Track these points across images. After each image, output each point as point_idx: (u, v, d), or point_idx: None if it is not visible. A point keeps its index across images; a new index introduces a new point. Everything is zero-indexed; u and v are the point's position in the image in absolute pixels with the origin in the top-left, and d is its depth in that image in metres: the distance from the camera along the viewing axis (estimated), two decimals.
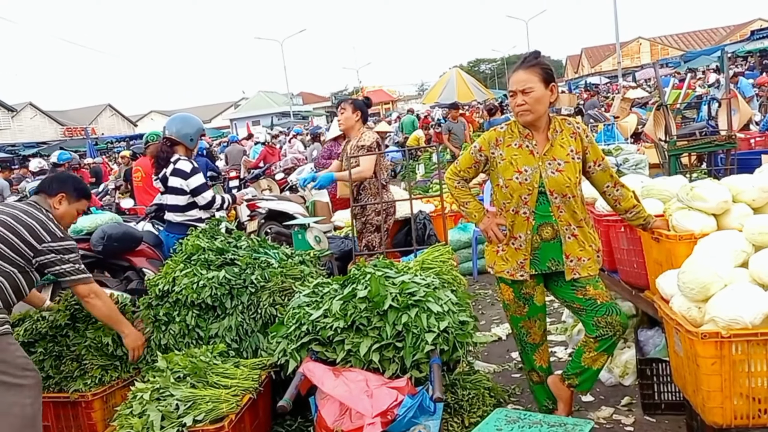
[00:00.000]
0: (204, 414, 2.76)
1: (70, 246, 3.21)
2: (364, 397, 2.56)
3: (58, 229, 3.17)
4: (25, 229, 3.08)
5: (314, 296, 3.05)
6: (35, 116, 41.28)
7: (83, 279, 3.24)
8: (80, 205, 3.45)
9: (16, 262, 3.05)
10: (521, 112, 2.95)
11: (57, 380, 3.41)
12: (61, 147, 26.06)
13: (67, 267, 3.18)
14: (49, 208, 3.27)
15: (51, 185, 3.34)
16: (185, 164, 4.74)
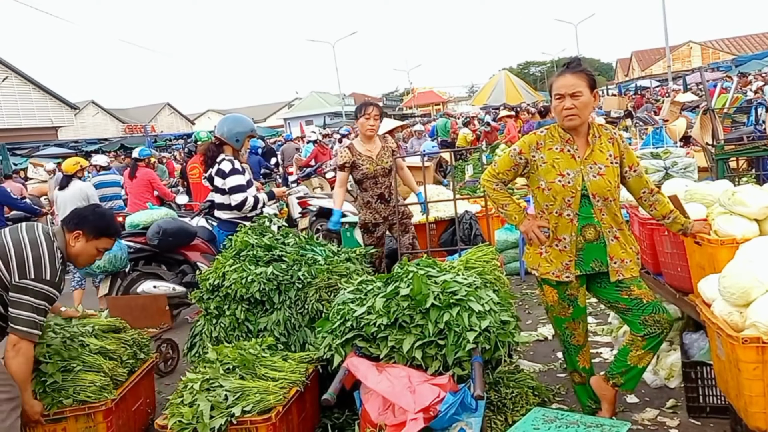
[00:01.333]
0: (252, 405, 2.82)
1: (48, 292, 2.97)
2: (407, 393, 2.58)
3: (50, 272, 2.96)
4: (16, 258, 2.93)
5: (358, 293, 3.09)
6: (97, 114, 42.65)
7: (24, 333, 2.92)
8: (101, 243, 3.22)
9: None
10: (570, 116, 2.92)
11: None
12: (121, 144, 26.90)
13: (24, 314, 2.92)
14: (64, 245, 3.11)
15: (71, 220, 3.17)
16: (226, 164, 4.82)
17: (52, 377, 3.20)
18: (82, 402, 3.23)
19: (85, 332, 3.53)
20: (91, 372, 3.33)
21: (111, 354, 3.50)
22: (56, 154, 23.98)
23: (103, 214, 3.31)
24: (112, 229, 3.29)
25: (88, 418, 3.24)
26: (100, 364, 3.38)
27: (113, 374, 3.41)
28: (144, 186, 8.76)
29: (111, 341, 3.61)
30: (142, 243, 6.05)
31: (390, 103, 57.03)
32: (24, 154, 22.45)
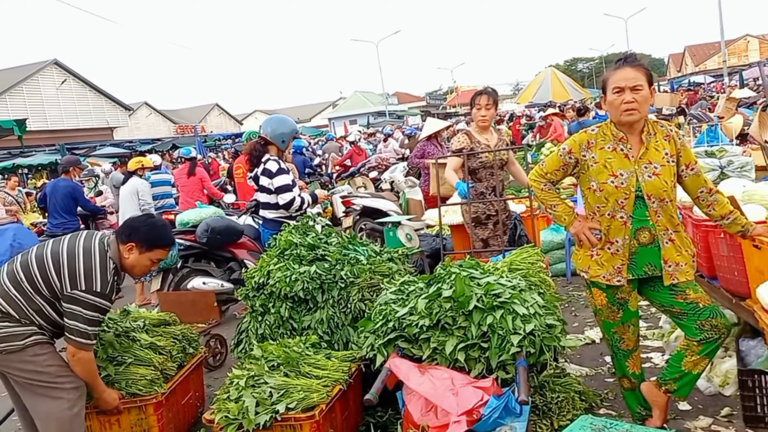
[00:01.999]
0: (296, 402, 2.84)
1: (99, 304, 2.95)
2: (450, 395, 2.54)
3: (101, 283, 2.94)
4: (68, 268, 2.94)
5: (400, 294, 3.06)
6: (150, 115, 43.74)
7: (79, 344, 2.96)
8: (154, 254, 3.17)
9: (44, 294, 2.96)
10: (630, 110, 2.78)
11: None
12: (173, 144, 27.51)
13: (78, 325, 2.93)
14: (118, 256, 3.09)
15: (124, 231, 3.13)
16: (273, 164, 4.85)
17: (105, 370, 3.29)
18: (134, 395, 3.32)
19: (136, 327, 3.61)
20: (142, 366, 3.41)
21: (161, 349, 3.57)
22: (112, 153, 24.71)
23: (155, 225, 3.21)
24: (165, 240, 3.22)
25: (139, 410, 3.32)
26: (151, 358, 3.45)
27: (163, 368, 3.48)
28: (195, 185, 8.92)
29: (161, 337, 3.68)
30: (192, 240, 6.17)
31: (433, 102, 56.91)
32: (82, 153, 23.14)
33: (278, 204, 4.87)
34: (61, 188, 7.95)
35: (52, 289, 2.95)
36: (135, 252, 3.10)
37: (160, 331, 3.75)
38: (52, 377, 2.97)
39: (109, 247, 3.06)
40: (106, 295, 2.97)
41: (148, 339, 3.58)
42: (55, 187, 8.02)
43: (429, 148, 8.05)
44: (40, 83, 33.22)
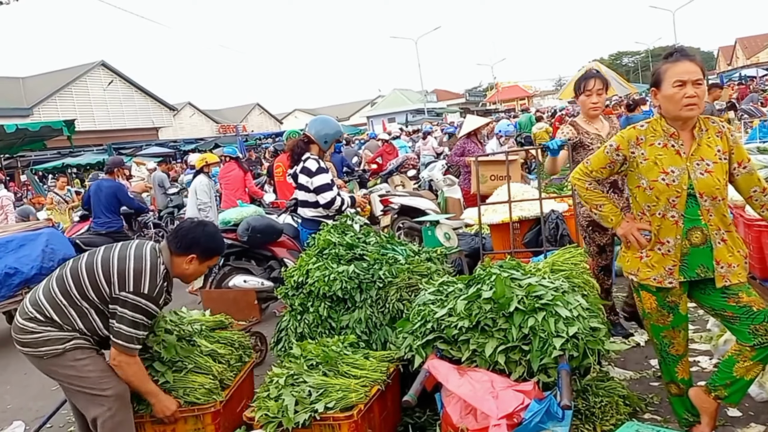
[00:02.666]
0: (335, 402, 2.84)
1: (145, 307, 2.94)
2: (489, 398, 2.49)
3: (149, 286, 2.93)
4: (117, 272, 2.93)
5: (439, 294, 3.02)
6: (193, 115, 44.58)
7: (122, 347, 2.93)
8: (212, 261, 3.25)
9: (90, 299, 2.96)
10: (692, 105, 2.68)
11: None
12: (215, 143, 27.96)
13: (123, 328, 2.91)
14: (170, 262, 3.08)
15: (181, 243, 3.11)
16: (312, 163, 4.85)
17: (163, 376, 3.16)
18: (191, 403, 3.16)
19: (196, 332, 3.45)
20: (201, 374, 3.26)
21: (221, 357, 3.42)
22: (157, 153, 25.23)
23: (213, 235, 3.22)
24: (222, 247, 3.29)
25: (197, 419, 3.17)
26: (210, 366, 3.30)
27: (221, 377, 3.31)
28: (237, 183, 9.04)
29: (220, 344, 3.53)
30: (233, 239, 6.25)
31: (473, 99, 56.42)
32: (128, 153, 23.70)
33: (318, 203, 4.88)
34: (105, 188, 8.15)
35: (100, 293, 2.95)
36: (195, 263, 3.13)
37: (216, 336, 3.59)
38: (92, 382, 2.96)
39: (161, 254, 3.06)
40: (153, 298, 2.96)
41: (209, 346, 3.42)
42: (98, 187, 8.22)
43: (469, 145, 7.97)
44: (88, 84, 34.18)
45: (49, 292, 3.02)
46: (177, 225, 3.32)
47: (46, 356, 2.96)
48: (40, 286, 3.10)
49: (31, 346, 2.96)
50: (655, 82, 2.81)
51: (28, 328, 2.96)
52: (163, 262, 3.04)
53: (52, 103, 31.93)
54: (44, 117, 27.69)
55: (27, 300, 3.06)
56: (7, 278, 6.44)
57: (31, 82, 34.10)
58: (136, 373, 3.02)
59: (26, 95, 32.21)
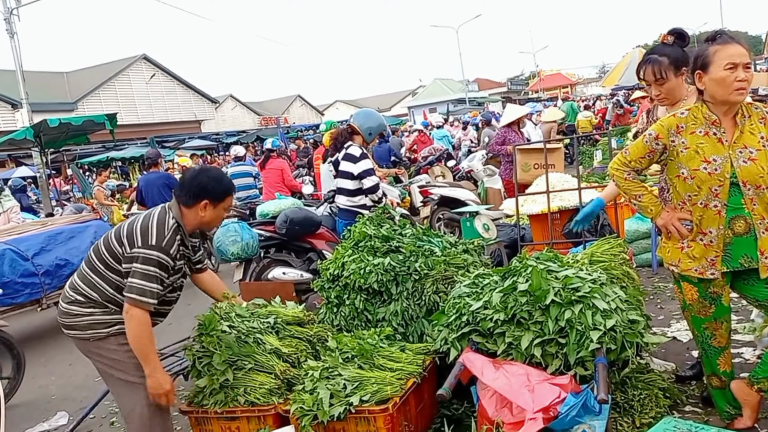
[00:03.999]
0: (370, 395, 2.85)
1: (156, 258, 2.89)
2: (525, 392, 2.49)
3: (156, 237, 2.91)
4: (127, 233, 2.97)
5: (474, 287, 3.02)
6: (235, 107, 45.15)
7: (133, 300, 2.86)
8: (226, 203, 3.18)
9: (112, 266, 2.99)
10: (742, 89, 2.61)
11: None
12: (257, 135, 28.32)
13: (134, 281, 2.87)
14: (181, 216, 3.06)
15: (189, 194, 3.08)
16: (355, 149, 4.91)
17: (223, 375, 3.09)
18: (252, 404, 3.07)
19: (263, 329, 3.31)
20: (262, 373, 3.14)
21: (285, 356, 3.26)
22: (200, 146, 25.74)
23: (218, 178, 3.20)
24: (230, 186, 3.24)
25: (258, 420, 3.07)
26: (273, 365, 3.15)
27: (285, 377, 3.15)
28: (276, 176, 9.15)
29: (289, 340, 3.38)
30: (272, 231, 6.33)
31: (515, 88, 55.69)
32: (171, 146, 24.25)
33: (355, 191, 4.94)
34: (154, 180, 8.44)
35: (116, 257, 2.97)
36: (210, 208, 3.08)
37: (292, 330, 3.44)
38: (133, 369, 2.97)
39: (170, 210, 3.05)
40: (162, 249, 2.91)
41: (273, 343, 3.26)
42: (147, 181, 8.50)
43: (510, 134, 7.90)
44: (130, 78, 34.94)
45: (81, 272, 3.11)
46: (180, 179, 3.31)
47: (92, 339, 3.04)
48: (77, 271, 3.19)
49: (77, 329, 3.04)
50: (702, 65, 2.70)
51: (72, 311, 3.05)
52: (173, 216, 3.02)
53: (95, 98, 32.76)
54: (88, 111, 28.43)
55: (67, 285, 3.16)
56: (59, 269, 6.69)
57: (75, 77, 35.02)
58: (143, 332, 2.90)
59: (70, 90, 33.12)
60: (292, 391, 3.10)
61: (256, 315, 3.42)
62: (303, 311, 3.58)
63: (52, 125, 12.46)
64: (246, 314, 3.37)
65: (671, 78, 3.12)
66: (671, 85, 3.15)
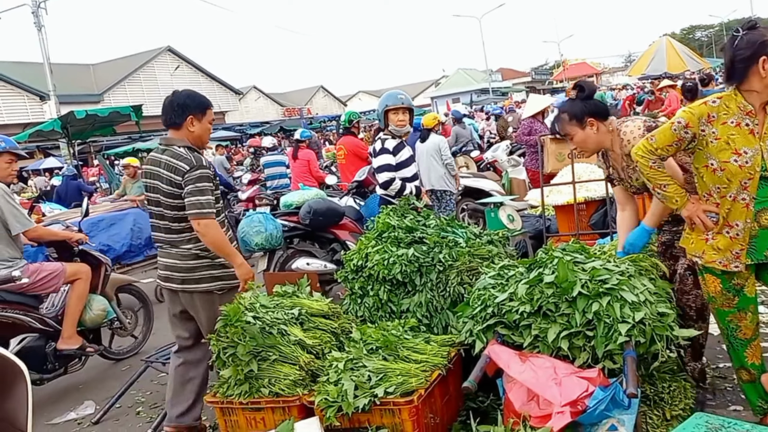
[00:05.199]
0: (395, 387, 2.84)
1: (199, 173, 3.33)
2: (552, 385, 2.46)
3: (187, 160, 3.34)
4: (166, 177, 3.38)
5: (500, 278, 2.98)
6: (259, 98, 45.34)
7: (196, 214, 3.32)
8: (208, 116, 3.55)
9: (176, 206, 3.40)
10: None
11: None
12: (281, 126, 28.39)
13: (191, 200, 3.32)
14: (179, 139, 3.46)
15: (174, 116, 3.47)
16: (378, 144, 4.92)
17: (248, 366, 3.11)
18: (277, 394, 3.08)
19: (288, 320, 3.30)
20: (287, 364, 3.15)
21: (309, 347, 3.25)
22: (224, 137, 25.88)
23: (189, 94, 3.57)
24: (204, 98, 3.60)
25: (283, 411, 3.08)
26: (297, 356, 3.16)
27: (309, 368, 3.17)
28: (304, 166, 9.17)
29: (313, 332, 3.37)
30: (295, 222, 6.34)
31: (539, 77, 55.03)
32: None
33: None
34: None
35: (176, 197, 3.39)
36: (196, 122, 3.46)
37: (316, 322, 3.43)
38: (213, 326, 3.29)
39: (172, 142, 3.46)
40: (196, 166, 3.34)
41: (298, 335, 3.26)
42: None
43: (536, 125, 7.79)
44: (155, 70, 35.25)
45: (159, 230, 3.51)
46: (162, 110, 3.58)
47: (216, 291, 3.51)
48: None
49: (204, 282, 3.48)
50: (753, 54, 2.54)
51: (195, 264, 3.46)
52: (179, 146, 3.43)
53: (121, 89, 33.11)
54: (114, 102, 28.75)
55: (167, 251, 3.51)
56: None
57: (101, 69, 35.43)
58: (218, 235, 3.38)
59: (96, 81, 33.50)
60: (317, 382, 3.11)
61: (281, 306, 3.42)
62: (328, 304, 3.58)
63: (79, 117, 12.61)
64: (270, 305, 3.38)
65: (576, 132, 3.20)
66: (579, 138, 3.22)
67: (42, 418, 4.46)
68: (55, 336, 4.62)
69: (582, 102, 3.19)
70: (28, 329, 4.51)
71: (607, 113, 3.20)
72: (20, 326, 4.45)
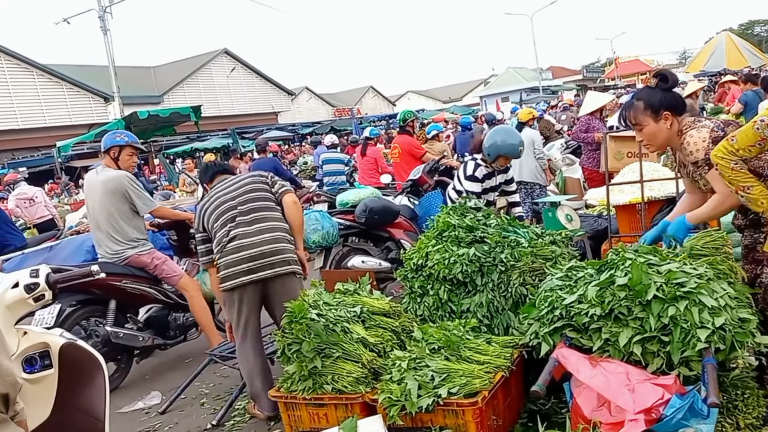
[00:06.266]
0: (458, 387, 2.78)
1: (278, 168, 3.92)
2: (625, 391, 2.34)
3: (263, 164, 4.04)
4: (259, 182, 4.04)
5: (567, 280, 2.87)
6: (310, 99, 45.75)
7: (291, 188, 4.12)
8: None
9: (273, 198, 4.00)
10: None
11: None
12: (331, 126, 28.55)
13: (286, 182, 4.17)
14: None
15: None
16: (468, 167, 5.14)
17: (312, 362, 3.09)
18: (340, 391, 3.06)
19: (350, 318, 3.27)
20: (350, 361, 3.12)
21: (372, 346, 3.21)
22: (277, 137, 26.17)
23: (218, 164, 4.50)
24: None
25: (345, 408, 3.06)
26: (360, 354, 3.12)
27: (371, 366, 3.12)
28: (372, 163, 9.17)
29: (375, 330, 3.32)
30: (351, 220, 6.34)
31: (590, 75, 53.80)
32: (250, 137, 24.76)
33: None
34: (262, 164, 9.21)
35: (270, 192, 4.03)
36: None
37: (377, 320, 3.37)
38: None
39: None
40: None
41: (360, 333, 3.22)
42: (257, 165, 9.33)
43: (594, 122, 7.57)
44: (212, 72, 35.95)
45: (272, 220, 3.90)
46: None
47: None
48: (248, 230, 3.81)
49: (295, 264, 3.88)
50: None
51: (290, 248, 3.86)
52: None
53: (180, 91, 33.89)
54: (173, 104, 29.44)
55: (259, 237, 3.78)
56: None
57: (161, 71, 36.34)
58: (301, 210, 4.12)
59: (157, 83, 34.38)
60: (379, 380, 3.07)
61: (343, 304, 3.39)
62: (389, 302, 3.53)
63: (142, 117, 12.96)
64: (333, 303, 3.36)
65: (648, 123, 2.99)
66: (650, 131, 3.00)
67: (111, 406, 4.54)
68: (176, 307, 5.20)
69: (662, 92, 2.99)
70: (153, 300, 5.11)
71: (683, 109, 3.02)
72: (147, 297, 5.06)
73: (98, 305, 4.84)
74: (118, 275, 4.82)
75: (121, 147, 4.99)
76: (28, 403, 1.54)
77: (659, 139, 3.04)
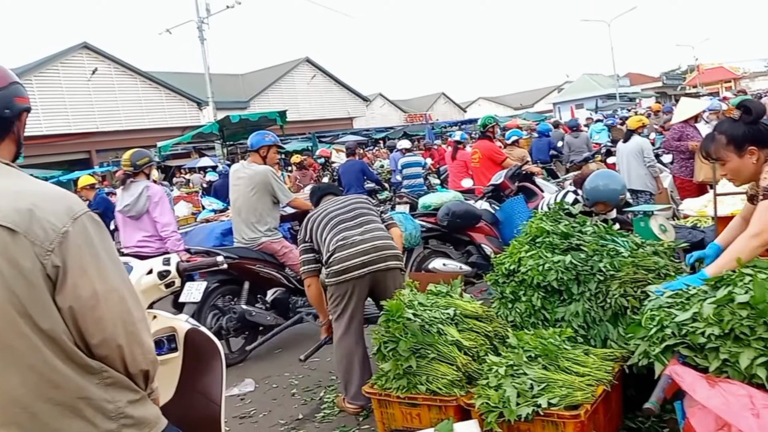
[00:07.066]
0: (558, 398, 2.63)
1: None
2: (749, 415, 2.12)
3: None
4: (365, 203, 4.24)
5: (678, 297, 2.64)
6: (384, 105, 45.91)
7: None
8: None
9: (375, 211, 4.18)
10: None
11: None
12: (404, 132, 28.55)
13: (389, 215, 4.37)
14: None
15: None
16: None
17: (407, 361, 3.04)
18: (434, 393, 3.00)
19: (444, 320, 3.20)
20: (444, 363, 3.05)
21: (466, 349, 3.13)
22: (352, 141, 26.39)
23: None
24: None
25: (439, 409, 2.99)
26: (455, 356, 3.05)
27: (466, 369, 3.04)
28: (462, 166, 9.08)
29: (469, 333, 3.24)
30: (433, 223, 6.26)
31: (670, 83, 51.48)
32: (328, 141, 25.11)
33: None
34: (350, 166, 9.80)
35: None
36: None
37: (470, 324, 3.29)
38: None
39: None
40: None
41: (455, 335, 3.14)
42: (346, 167, 9.89)
43: (687, 129, 7.14)
44: (294, 79, 36.70)
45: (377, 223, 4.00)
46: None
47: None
48: (354, 230, 3.90)
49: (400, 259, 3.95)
50: None
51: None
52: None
53: (264, 97, 34.72)
54: (257, 109, 30.19)
55: (370, 235, 3.87)
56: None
57: (248, 78, 37.36)
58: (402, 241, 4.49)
59: (244, 90, 35.35)
60: (473, 384, 2.96)
61: (436, 305, 3.30)
62: (481, 306, 3.41)
63: (233, 120, 13.39)
64: (427, 303, 3.28)
65: (731, 158, 2.70)
66: (733, 166, 2.72)
67: None
68: (296, 292, 5.48)
69: (746, 125, 2.70)
70: (279, 284, 5.47)
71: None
72: (275, 281, 5.43)
73: (234, 285, 5.24)
74: (252, 260, 5.26)
75: (269, 146, 5.52)
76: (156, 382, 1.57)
77: (744, 175, 2.76)
